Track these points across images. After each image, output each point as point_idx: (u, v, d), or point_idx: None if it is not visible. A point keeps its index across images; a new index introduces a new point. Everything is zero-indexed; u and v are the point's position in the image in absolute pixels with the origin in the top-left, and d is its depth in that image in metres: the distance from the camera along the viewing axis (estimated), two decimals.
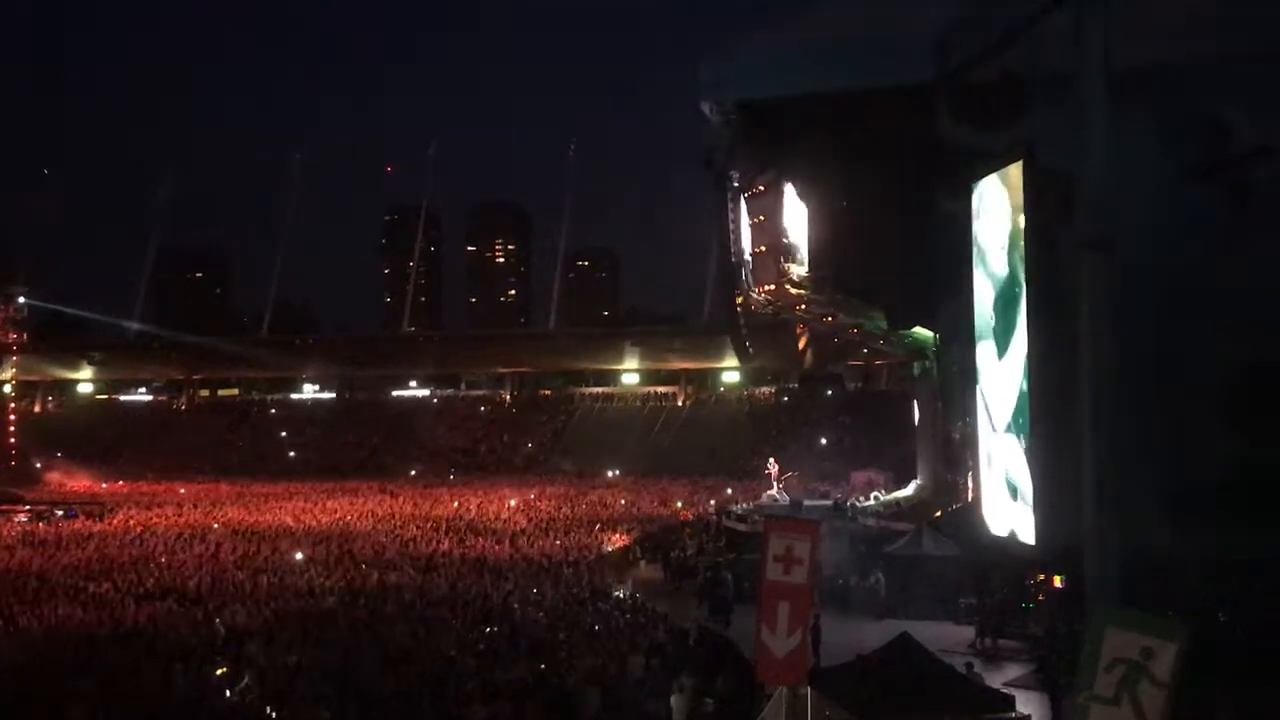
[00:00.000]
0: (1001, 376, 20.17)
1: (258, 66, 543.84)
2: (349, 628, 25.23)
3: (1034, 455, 17.85)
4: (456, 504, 56.48)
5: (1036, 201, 17.17)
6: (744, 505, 47.74)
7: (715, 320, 62.66)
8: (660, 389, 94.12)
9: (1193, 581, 17.46)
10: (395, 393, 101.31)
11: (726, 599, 28.30)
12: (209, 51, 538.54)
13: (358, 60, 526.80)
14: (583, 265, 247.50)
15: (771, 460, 51.15)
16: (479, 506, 55.10)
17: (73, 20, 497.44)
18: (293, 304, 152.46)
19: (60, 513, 52.63)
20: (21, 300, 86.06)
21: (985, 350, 22.31)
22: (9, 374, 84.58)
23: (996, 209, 19.66)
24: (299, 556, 36.88)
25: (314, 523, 48.71)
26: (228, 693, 19.34)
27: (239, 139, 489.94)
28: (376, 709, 18.16)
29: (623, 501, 57.17)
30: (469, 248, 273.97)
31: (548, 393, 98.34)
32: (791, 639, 15.97)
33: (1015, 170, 18.44)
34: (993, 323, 21.65)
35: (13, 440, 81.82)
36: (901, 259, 28.20)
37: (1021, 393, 19.23)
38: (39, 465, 79.26)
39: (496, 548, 39.80)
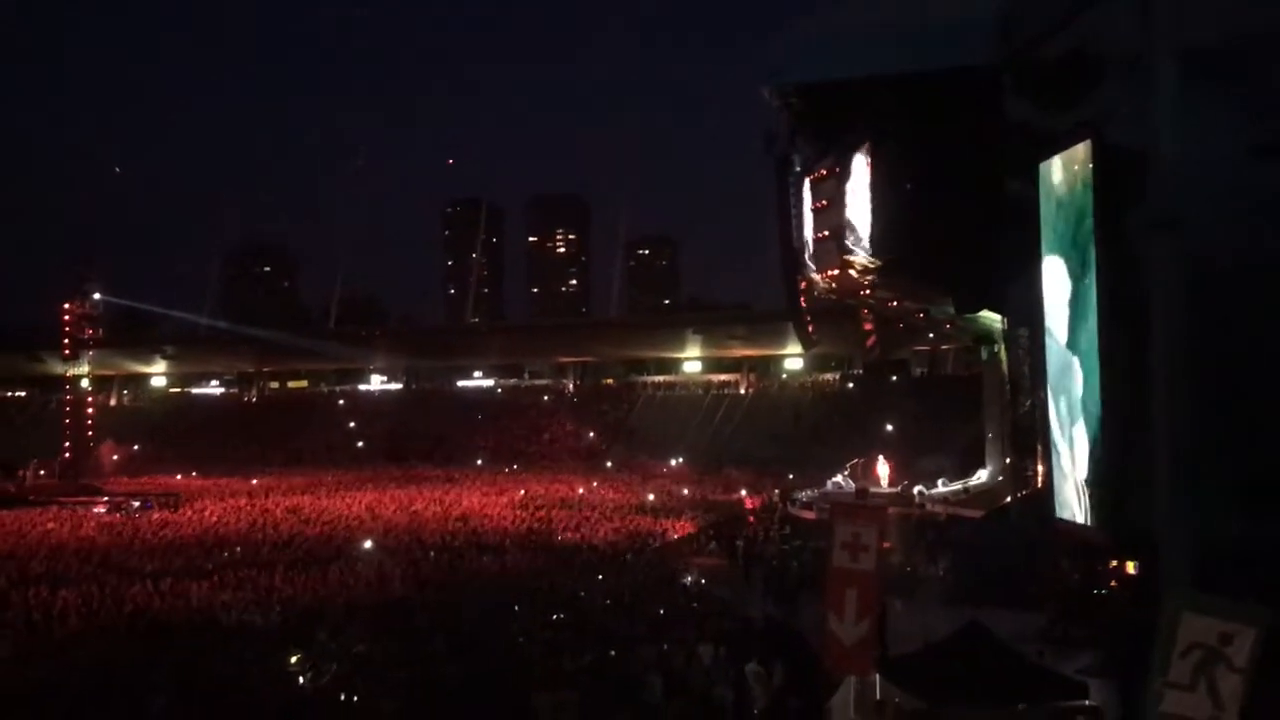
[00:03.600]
0: (1071, 361, 19.86)
1: (322, 63, 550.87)
2: (417, 615, 25.55)
3: (1106, 440, 17.58)
4: (522, 492, 56.94)
5: (1105, 182, 16.87)
6: (809, 492, 47.51)
7: (778, 307, 62.32)
8: (722, 377, 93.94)
9: (1267, 569, 17.08)
10: (460, 383, 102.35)
11: (792, 587, 28.22)
12: (273, 49, 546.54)
13: (420, 56, 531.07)
14: (643, 254, 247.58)
15: (882, 458, 50.42)
16: (544, 495, 55.48)
17: (136, 16, 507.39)
18: (358, 297, 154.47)
19: (137, 504, 53.79)
20: (97, 296, 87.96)
21: (1054, 334, 21.96)
22: (85, 368, 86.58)
23: (1064, 190, 19.32)
24: (368, 545, 37.43)
25: (383, 512, 49.38)
26: (300, 680, 19.70)
27: (303, 135, 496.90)
28: (445, 696, 18.38)
29: (686, 490, 57.22)
30: (530, 238, 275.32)
31: (610, 382, 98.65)
32: (860, 626, 15.91)
33: (1083, 150, 18.10)
34: (1062, 306, 21.31)
35: (90, 433, 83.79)
36: (968, 242, 27.86)
37: (1092, 378, 18.91)
38: (114, 458, 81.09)
39: (563, 535, 40.05)
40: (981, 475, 45.75)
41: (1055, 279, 22.61)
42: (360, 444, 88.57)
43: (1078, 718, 15.87)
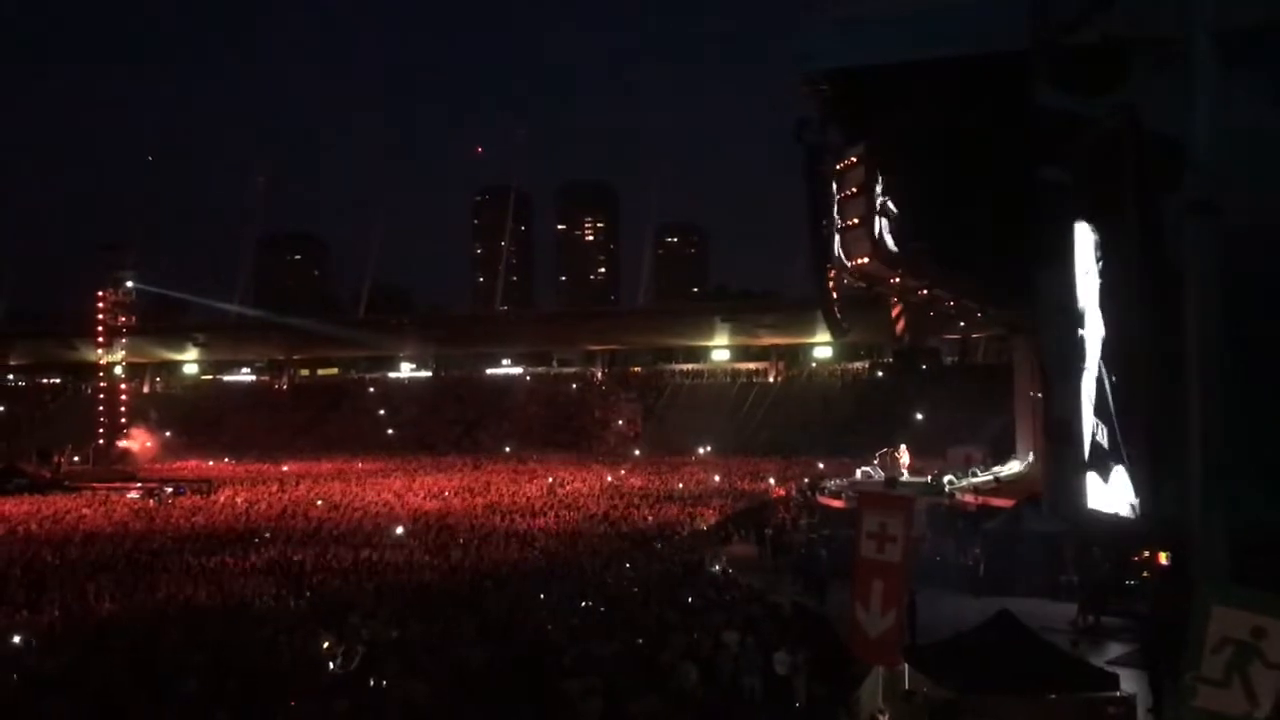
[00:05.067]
0: (1105, 349, 19.63)
1: (350, 51, 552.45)
2: (447, 601, 25.67)
3: (1139, 429, 17.38)
4: (550, 479, 57.08)
5: (1140, 167, 16.64)
6: (838, 481, 47.37)
7: (807, 295, 62.06)
8: (751, 365, 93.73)
9: None
10: (489, 371, 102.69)
11: (821, 575, 28.14)
12: (301, 39, 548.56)
13: (449, 42, 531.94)
14: (671, 242, 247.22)
15: (903, 446, 50.39)
16: (572, 482, 55.61)
17: (168, 8, 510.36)
18: (387, 285, 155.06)
19: (170, 490, 54.38)
20: (130, 284, 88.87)
21: (1087, 322, 21.74)
22: (119, 355, 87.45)
23: (1098, 176, 19.08)
24: (399, 531, 37.68)
25: (412, 498, 49.64)
26: (331, 664, 19.84)
27: (334, 124, 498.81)
28: (473, 681, 18.46)
29: (715, 478, 57.21)
30: (559, 226, 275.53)
31: (638, 370, 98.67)
32: (886, 618, 15.82)
33: (1118, 135, 17.84)
34: (1095, 294, 21.08)
35: (124, 420, 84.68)
36: (998, 230, 27.59)
37: (1126, 366, 18.70)
38: (147, 444, 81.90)
39: (590, 523, 40.13)
40: (1012, 464, 45.47)
41: (1088, 266, 22.37)
42: (390, 431, 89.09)
43: (1109, 709, 15.74)
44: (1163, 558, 22.82)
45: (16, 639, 22.35)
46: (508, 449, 79.75)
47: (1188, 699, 8.77)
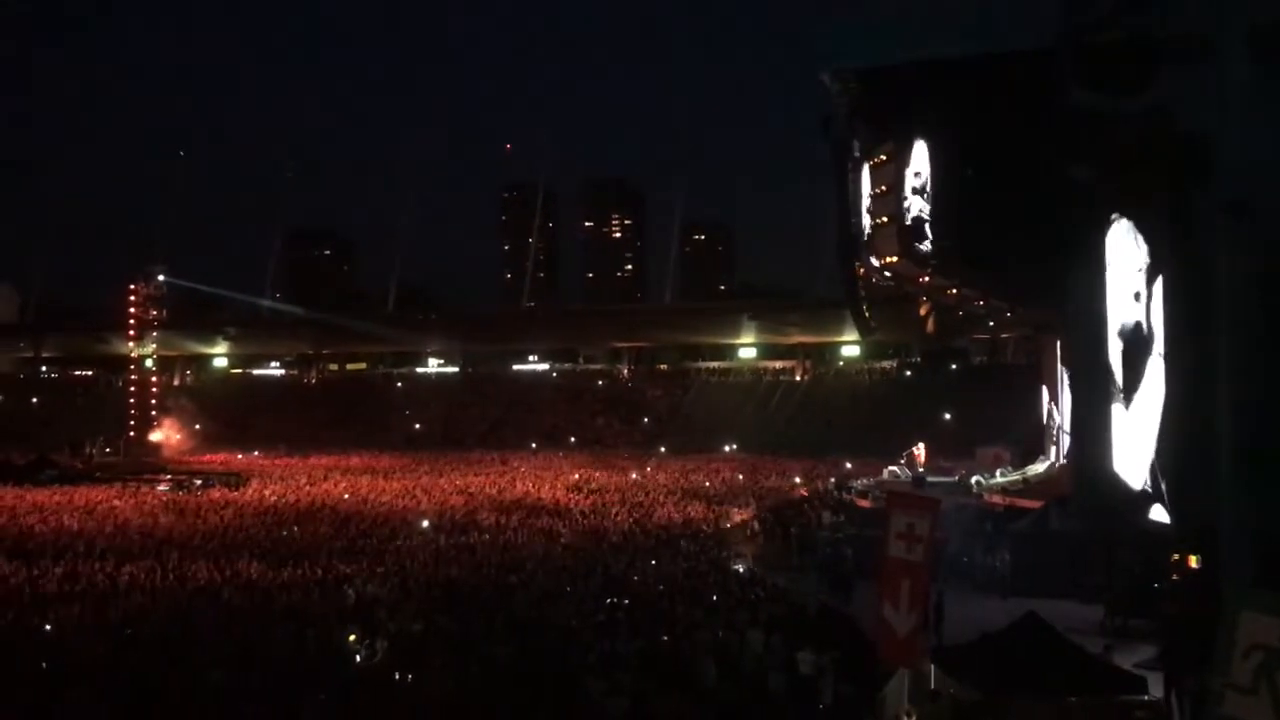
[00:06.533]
0: (1134, 350, 19.52)
1: (378, 47, 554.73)
2: (473, 596, 25.78)
3: (1169, 432, 17.26)
4: (576, 476, 57.13)
5: (1172, 166, 16.51)
6: (864, 481, 47.19)
7: (834, 293, 61.88)
8: (778, 363, 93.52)
9: None
10: (515, 367, 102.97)
11: (847, 575, 28.07)
12: (332, 32, 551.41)
13: (477, 39, 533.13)
14: (698, 239, 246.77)
15: (920, 445, 50.26)
16: (598, 479, 55.64)
17: (199, 7, 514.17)
18: (415, 281, 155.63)
19: (199, 482, 54.81)
20: (161, 278, 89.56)
21: (1116, 323, 21.58)
22: (150, 349, 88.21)
23: (1128, 175, 18.96)
24: (425, 525, 37.84)
25: (439, 494, 49.82)
26: (357, 658, 19.98)
27: (361, 119, 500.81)
28: (497, 677, 18.54)
29: (741, 476, 57.11)
30: (586, 223, 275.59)
31: (664, 367, 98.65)
32: (912, 616, 15.80)
33: (1149, 134, 17.71)
34: (1124, 294, 20.94)
35: (154, 413, 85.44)
36: (1029, 229, 27.44)
37: (1156, 368, 18.56)
38: (177, 437, 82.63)
39: (616, 520, 40.16)
40: (1040, 465, 45.19)
41: (1117, 266, 22.20)
42: (417, 426, 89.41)
43: (1136, 713, 15.64)
44: (1193, 561, 22.63)
45: (48, 628, 22.67)
46: (534, 445, 79.94)
47: (1215, 705, 8.67)
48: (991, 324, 55.86)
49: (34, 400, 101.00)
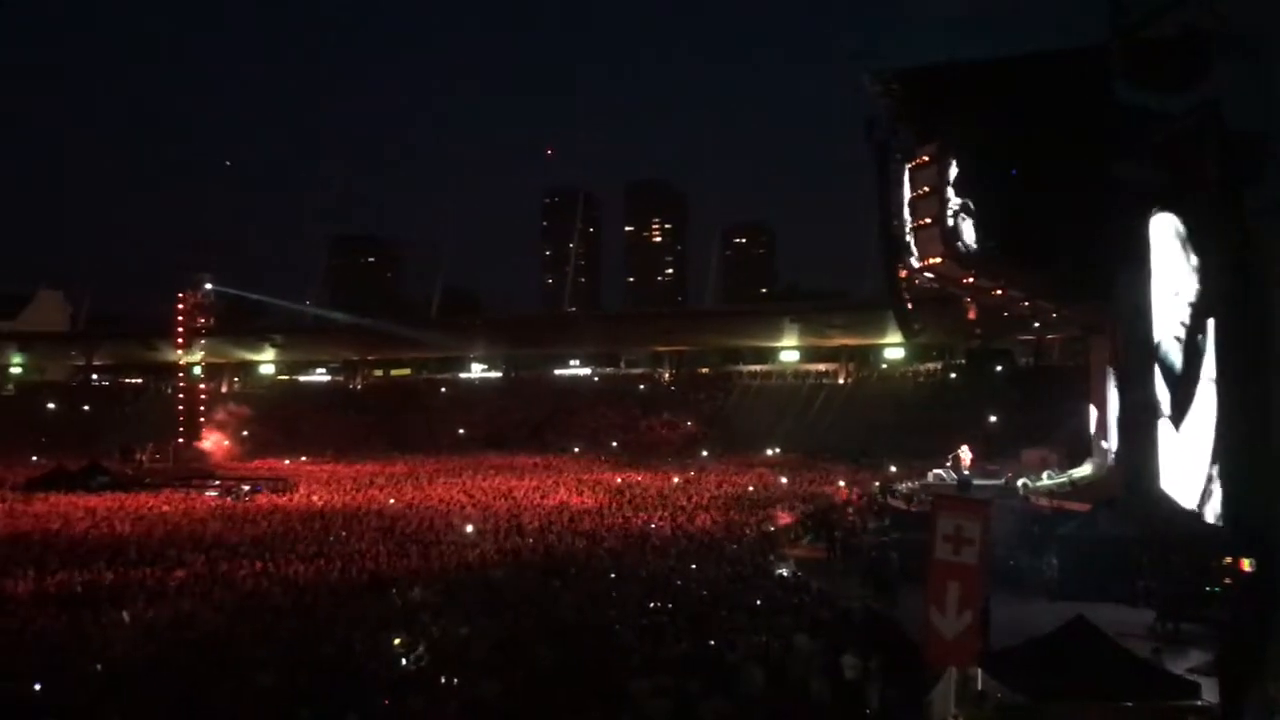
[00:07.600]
0: (1185, 351, 19.23)
1: (422, 59, 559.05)
2: (517, 600, 25.85)
3: (1223, 434, 16.99)
4: (619, 479, 57.21)
5: (1222, 164, 16.26)
6: (910, 484, 46.87)
7: (877, 295, 61.53)
8: (820, 366, 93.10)
9: None
10: (557, 371, 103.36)
11: (892, 578, 27.87)
12: (373, 43, 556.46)
13: (520, 47, 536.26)
14: (739, 242, 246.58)
15: (965, 448, 49.84)
16: (640, 483, 55.68)
17: (244, 16, 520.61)
18: (458, 287, 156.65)
19: (247, 488, 55.46)
20: (208, 286, 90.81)
21: (1166, 323, 21.28)
22: (198, 356, 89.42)
23: (1177, 172, 18.70)
24: (469, 529, 38.04)
25: (483, 498, 50.07)
26: (403, 661, 20.10)
27: (406, 129, 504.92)
28: (542, 680, 18.57)
29: (784, 480, 56.92)
30: (626, 228, 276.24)
31: (706, 371, 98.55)
32: (961, 619, 15.66)
33: (1198, 131, 17.47)
34: (1174, 295, 20.64)
35: (202, 419, 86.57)
36: (1073, 229, 27.16)
37: (1208, 369, 18.28)
38: (225, 443, 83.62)
39: (659, 524, 40.15)
40: (1087, 467, 44.68)
41: (1166, 266, 21.88)
42: (461, 431, 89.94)
43: (1190, 718, 15.40)
44: (1246, 564, 22.26)
45: (99, 630, 22.99)
46: (576, 449, 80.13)
47: (1272, 711, 8.54)
48: (1037, 325, 55.32)
49: (85, 407, 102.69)
